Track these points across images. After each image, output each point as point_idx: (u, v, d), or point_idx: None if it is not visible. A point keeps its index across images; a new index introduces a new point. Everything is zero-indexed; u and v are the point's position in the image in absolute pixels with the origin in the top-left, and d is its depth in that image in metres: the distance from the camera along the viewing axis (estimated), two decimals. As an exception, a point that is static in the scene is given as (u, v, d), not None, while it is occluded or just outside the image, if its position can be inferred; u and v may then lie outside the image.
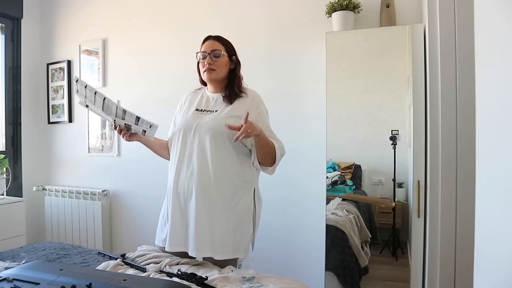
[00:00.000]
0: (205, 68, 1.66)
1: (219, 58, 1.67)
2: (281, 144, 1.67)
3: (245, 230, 1.63)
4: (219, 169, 1.58)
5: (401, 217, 2.10)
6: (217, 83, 1.71)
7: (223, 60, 1.68)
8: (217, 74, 1.67)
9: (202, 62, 1.69)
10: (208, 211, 1.58)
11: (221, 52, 1.67)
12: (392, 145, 2.04)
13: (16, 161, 3.23)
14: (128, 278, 1.27)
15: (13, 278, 1.24)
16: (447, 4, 1.68)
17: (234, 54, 1.73)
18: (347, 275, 2.10)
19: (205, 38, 1.73)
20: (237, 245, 1.60)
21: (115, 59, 3.07)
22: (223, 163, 1.59)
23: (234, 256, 1.60)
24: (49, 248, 1.85)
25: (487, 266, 0.80)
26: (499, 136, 0.73)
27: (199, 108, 1.70)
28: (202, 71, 1.69)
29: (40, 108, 3.40)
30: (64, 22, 3.31)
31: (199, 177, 1.59)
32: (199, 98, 1.75)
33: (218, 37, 1.73)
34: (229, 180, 1.60)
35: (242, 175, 1.63)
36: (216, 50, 1.67)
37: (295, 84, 2.46)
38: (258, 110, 1.65)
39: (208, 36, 1.73)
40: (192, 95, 1.80)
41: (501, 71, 0.72)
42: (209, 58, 1.66)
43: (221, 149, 1.59)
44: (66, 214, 3.10)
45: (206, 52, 1.67)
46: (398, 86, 2.10)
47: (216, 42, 1.70)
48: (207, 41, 1.71)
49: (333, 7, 2.18)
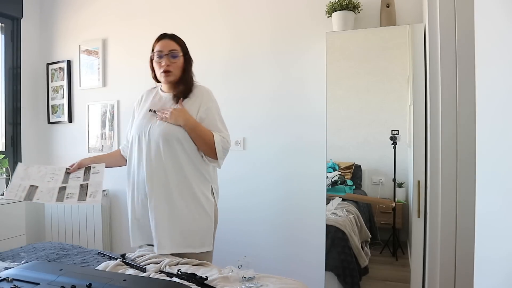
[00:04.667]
0: (162, 69, 1.68)
1: (176, 58, 1.69)
2: (226, 137, 1.71)
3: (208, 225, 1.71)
4: (174, 170, 1.65)
5: (401, 217, 2.10)
6: (172, 83, 1.73)
7: (179, 61, 1.70)
8: (174, 75, 1.70)
9: (158, 62, 1.69)
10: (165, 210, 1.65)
11: (178, 53, 1.69)
12: (392, 145, 2.04)
13: (16, 161, 3.23)
14: (128, 278, 1.27)
15: (13, 278, 1.23)
16: (447, 4, 1.68)
17: (188, 52, 1.75)
18: (347, 275, 2.10)
19: (160, 36, 1.73)
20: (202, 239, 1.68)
21: (115, 59, 3.07)
22: (178, 163, 1.65)
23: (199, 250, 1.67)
24: (49, 248, 1.85)
25: (487, 266, 0.80)
26: (499, 136, 0.73)
27: (152, 108, 1.73)
28: (159, 72, 1.70)
29: (40, 108, 3.39)
30: (64, 22, 3.31)
31: (156, 178, 1.65)
32: (152, 97, 1.79)
33: (173, 36, 1.73)
34: (186, 179, 1.66)
35: (198, 172, 1.68)
36: (174, 51, 1.68)
37: (295, 84, 2.46)
38: (206, 107, 1.71)
39: (164, 34, 1.74)
40: (147, 94, 1.84)
41: (501, 71, 0.72)
42: (167, 59, 1.67)
43: (175, 150, 1.65)
44: (66, 214, 3.09)
45: (163, 52, 1.68)
46: (398, 86, 2.10)
47: (172, 42, 1.71)
48: (162, 40, 1.71)
49: (333, 7, 2.18)
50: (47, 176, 1.66)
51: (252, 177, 2.59)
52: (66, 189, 1.63)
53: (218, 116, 1.74)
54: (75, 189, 1.64)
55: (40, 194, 1.60)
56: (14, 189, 1.59)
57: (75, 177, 1.68)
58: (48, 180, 1.65)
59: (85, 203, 1.61)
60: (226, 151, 1.71)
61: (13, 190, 1.58)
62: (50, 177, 1.66)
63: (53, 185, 1.64)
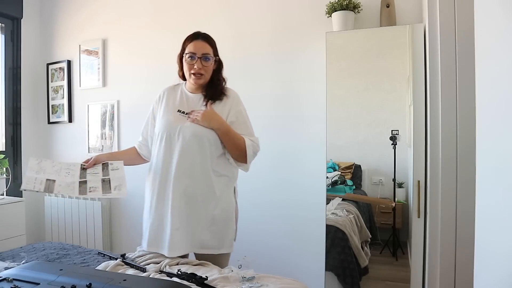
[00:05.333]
0: (194, 71, 1.63)
1: (208, 62, 1.65)
2: (256, 141, 1.69)
3: (229, 226, 1.69)
4: (202, 171, 1.63)
5: (401, 217, 2.10)
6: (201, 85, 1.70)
7: (211, 64, 1.67)
8: (205, 79, 1.67)
9: (189, 64, 1.64)
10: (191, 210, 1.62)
11: (211, 56, 1.65)
12: (392, 145, 2.04)
13: (16, 161, 3.23)
14: (128, 278, 1.27)
15: (13, 278, 1.23)
16: (447, 4, 1.68)
17: (217, 54, 1.71)
18: (347, 275, 2.10)
19: (193, 35, 1.67)
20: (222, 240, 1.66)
21: (115, 59, 3.07)
22: (206, 164, 1.63)
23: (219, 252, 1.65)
24: (49, 248, 1.85)
25: (487, 265, 0.80)
26: (499, 136, 0.73)
27: (181, 109, 1.68)
28: (189, 72, 1.66)
29: (40, 108, 3.39)
30: (64, 22, 3.31)
31: (183, 178, 1.62)
32: (179, 97, 1.73)
33: (207, 37, 1.68)
34: (212, 181, 1.64)
35: (224, 174, 1.67)
36: (207, 54, 1.64)
37: (295, 84, 2.46)
38: (236, 110, 1.69)
39: (197, 34, 1.68)
40: (169, 92, 1.77)
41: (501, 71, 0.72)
42: (199, 62, 1.63)
43: (205, 151, 1.62)
44: (66, 214, 3.09)
45: (196, 55, 1.63)
46: (398, 86, 2.10)
47: (206, 44, 1.66)
48: (196, 41, 1.65)
49: (333, 7, 2.18)
50: (62, 171, 1.64)
51: (252, 177, 2.57)
52: (87, 183, 1.61)
53: (247, 120, 1.72)
54: (97, 183, 1.62)
55: (60, 188, 1.58)
56: (31, 181, 1.56)
57: (93, 172, 1.66)
58: (64, 175, 1.63)
59: (110, 195, 1.59)
60: (255, 155, 1.69)
61: (30, 183, 1.56)
62: (66, 171, 1.64)
63: (71, 179, 1.62)
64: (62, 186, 1.58)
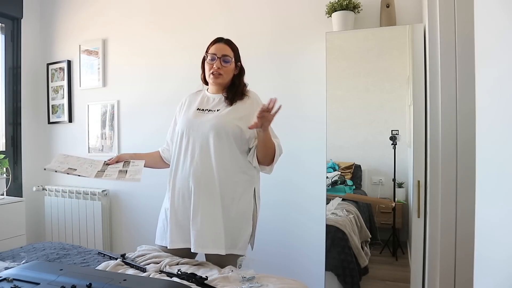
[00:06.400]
0: (213, 70, 1.67)
1: (228, 63, 1.69)
2: (280, 144, 1.70)
3: (244, 228, 1.66)
4: (221, 167, 1.61)
5: (401, 217, 2.10)
6: (220, 86, 1.72)
7: (231, 66, 1.70)
8: (223, 79, 1.69)
9: (209, 64, 1.69)
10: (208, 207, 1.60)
11: (230, 58, 1.69)
12: (392, 145, 2.04)
13: (16, 161, 3.23)
14: (128, 278, 1.27)
15: (13, 278, 1.24)
16: (447, 4, 1.68)
17: (240, 60, 1.75)
18: (347, 275, 2.10)
19: (216, 39, 1.74)
20: (235, 241, 1.63)
21: (115, 59, 3.07)
22: (225, 160, 1.62)
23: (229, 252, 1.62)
24: (49, 248, 1.85)
25: (487, 265, 0.80)
26: (499, 136, 0.73)
27: (200, 108, 1.71)
28: (208, 73, 1.70)
29: (40, 108, 3.40)
30: (64, 22, 3.31)
31: (202, 174, 1.61)
32: (200, 98, 1.76)
33: (228, 41, 1.74)
34: (231, 178, 1.62)
35: (243, 173, 1.66)
36: (227, 56, 1.68)
37: (295, 84, 2.46)
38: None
39: (219, 38, 1.74)
40: (192, 97, 1.81)
41: (501, 71, 0.72)
42: (219, 62, 1.67)
43: (224, 147, 1.62)
44: (66, 214, 3.10)
45: (216, 56, 1.68)
46: (398, 86, 2.10)
47: (227, 47, 1.71)
48: (217, 44, 1.72)
49: (333, 7, 2.18)
50: (85, 164, 1.72)
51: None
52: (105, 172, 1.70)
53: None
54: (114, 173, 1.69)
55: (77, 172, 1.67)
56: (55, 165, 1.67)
57: (114, 167, 1.73)
58: (86, 167, 1.71)
59: (124, 179, 1.66)
60: (279, 157, 1.70)
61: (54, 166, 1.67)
62: (88, 165, 1.72)
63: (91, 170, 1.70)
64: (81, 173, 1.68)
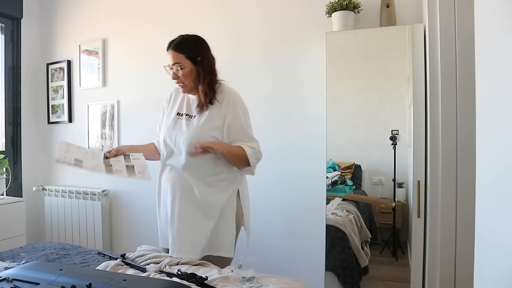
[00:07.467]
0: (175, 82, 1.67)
1: (183, 70, 1.62)
2: (256, 147, 1.67)
3: (228, 229, 1.69)
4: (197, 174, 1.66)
5: (401, 217, 2.10)
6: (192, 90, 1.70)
7: (187, 71, 1.63)
8: (189, 85, 1.66)
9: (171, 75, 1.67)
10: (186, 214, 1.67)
11: (182, 64, 1.62)
12: (392, 145, 2.04)
13: (16, 161, 3.23)
14: (128, 278, 1.27)
15: (13, 278, 1.23)
16: (447, 4, 1.68)
17: (199, 54, 1.64)
18: (347, 275, 2.10)
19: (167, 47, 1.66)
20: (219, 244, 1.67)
21: (115, 59, 3.07)
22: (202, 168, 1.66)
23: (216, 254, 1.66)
24: (49, 248, 1.85)
25: (487, 266, 0.80)
26: (499, 136, 0.73)
27: (180, 112, 1.73)
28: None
29: (40, 108, 3.39)
30: (64, 22, 3.30)
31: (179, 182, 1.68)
32: (180, 99, 1.77)
33: (176, 45, 1.63)
34: (209, 183, 1.67)
35: (222, 178, 1.69)
36: (177, 63, 1.62)
37: (295, 84, 2.46)
38: (233, 113, 1.65)
39: (168, 44, 1.66)
40: (176, 92, 1.82)
41: (501, 71, 0.72)
42: (173, 73, 1.64)
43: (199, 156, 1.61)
44: (66, 214, 3.09)
45: (169, 66, 1.65)
46: (398, 86, 2.10)
47: (175, 52, 1.62)
48: (168, 52, 1.65)
49: (333, 7, 2.18)
50: (88, 155, 1.72)
51: (252, 177, 2.58)
52: (113, 166, 1.71)
53: (245, 123, 1.68)
54: (122, 168, 1.71)
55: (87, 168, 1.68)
56: (62, 157, 1.67)
57: (116, 160, 1.74)
58: (90, 159, 1.72)
59: (135, 177, 1.69)
60: (258, 161, 1.69)
61: (62, 158, 1.66)
62: (91, 156, 1.73)
63: (96, 163, 1.71)
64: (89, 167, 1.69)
